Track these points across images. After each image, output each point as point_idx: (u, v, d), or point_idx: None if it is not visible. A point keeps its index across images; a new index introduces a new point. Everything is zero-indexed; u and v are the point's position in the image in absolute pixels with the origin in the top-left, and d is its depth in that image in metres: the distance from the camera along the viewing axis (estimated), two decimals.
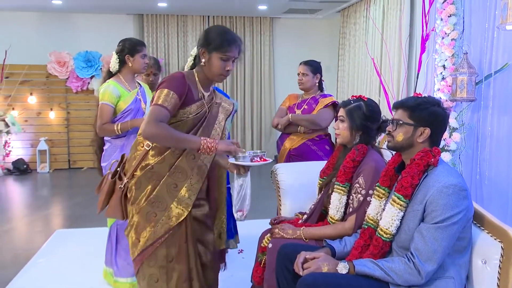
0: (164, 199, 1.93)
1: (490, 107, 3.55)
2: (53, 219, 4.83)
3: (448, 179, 1.63)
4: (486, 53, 3.59)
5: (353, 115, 2.10)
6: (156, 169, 1.92)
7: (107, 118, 2.73)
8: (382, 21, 5.83)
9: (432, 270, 1.61)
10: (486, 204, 3.62)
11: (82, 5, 7.00)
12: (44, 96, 7.34)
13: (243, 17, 7.98)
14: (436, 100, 1.81)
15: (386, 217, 1.74)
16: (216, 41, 1.88)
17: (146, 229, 1.92)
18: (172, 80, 1.88)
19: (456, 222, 1.60)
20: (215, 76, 1.95)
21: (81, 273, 3.22)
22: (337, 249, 1.88)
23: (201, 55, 1.91)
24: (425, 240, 1.61)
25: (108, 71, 2.86)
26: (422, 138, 1.74)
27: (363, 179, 1.99)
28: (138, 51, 2.78)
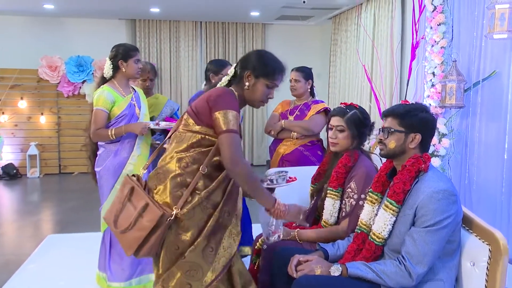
0: (219, 230, 1.76)
1: (478, 114, 3.64)
2: (44, 225, 4.81)
3: (438, 184, 1.68)
4: (474, 61, 3.68)
5: (353, 124, 2.14)
6: (212, 197, 1.75)
7: (101, 123, 2.72)
8: (373, 29, 5.92)
9: (422, 273, 1.65)
10: (475, 208, 3.69)
11: (74, 10, 7.00)
12: (35, 101, 7.31)
13: (236, 23, 8.04)
14: (423, 106, 1.86)
15: (379, 222, 1.79)
16: (268, 68, 1.83)
17: (203, 270, 1.71)
18: (232, 99, 1.77)
19: (445, 226, 1.65)
20: (256, 101, 1.88)
21: (72, 278, 3.21)
22: (330, 252, 1.92)
23: (245, 78, 1.83)
24: (416, 244, 1.65)
25: (102, 77, 2.86)
26: (413, 144, 1.79)
27: (355, 184, 2.04)
28: (131, 56, 2.79)
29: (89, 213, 5.02)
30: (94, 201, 5.59)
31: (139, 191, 1.73)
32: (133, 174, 1.86)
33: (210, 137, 1.76)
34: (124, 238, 1.71)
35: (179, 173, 1.73)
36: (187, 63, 7.91)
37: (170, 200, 1.70)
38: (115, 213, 1.75)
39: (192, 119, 1.78)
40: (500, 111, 3.44)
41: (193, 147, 1.76)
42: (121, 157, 2.78)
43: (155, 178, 1.77)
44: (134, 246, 1.68)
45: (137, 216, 1.67)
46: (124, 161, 2.79)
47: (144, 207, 1.67)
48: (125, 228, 1.69)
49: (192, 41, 7.91)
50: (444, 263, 1.71)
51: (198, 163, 1.75)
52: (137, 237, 1.67)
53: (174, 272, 1.70)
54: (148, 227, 1.64)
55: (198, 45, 7.99)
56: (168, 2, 6.47)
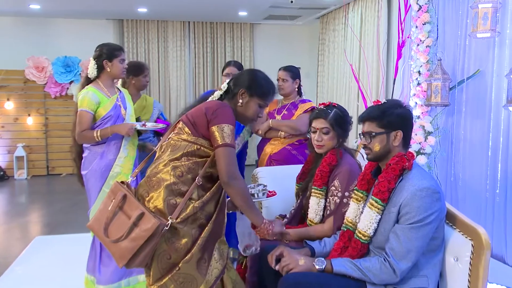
0: (212, 242, 1.75)
1: (463, 112, 3.69)
2: (32, 227, 4.77)
3: (421, 182, 1.70)
4: (459, 59, 3.73)
5: (337, 123, 2.14)
6: (206, 208, 1.76)
7: (87, 125, 2.67)
8: (360, 28, 5.97)
9: (406, 269, 1.67)
10: (461, 205, 3.75)
11: (61, 10, 6.95)
12: (21, 102, 7.24)
13: (224, 23, 8.03)
14: (397, 102, 1.87)
15: (364, 220, 1.80)
16: (262, 89, 1.89)
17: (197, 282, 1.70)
18: (229, 112, 1.80)
19: (429, 223, 1.67)
20: (247, 119, 1.93)
21: (60, 280, 3.19)
22: (317, 249, 1.94)
23: (239, 96, 1.87)
24: (399, 240, 1.67)
25: (86, 77, 2.81)
26: (397, 141, 1.81)
27: (339, 182, 2.06)
28: (116, 56, 2.75)
29: (78, 215, 4.99)
30: (82, 203, 5.56)
31: (132, 200, 1.70)
32: (121, 181, 1.82)
33: (206, 149, 1.78)
34: (116, 248, 1.66)
35: (173, 182, 1.72)
36: (175, 63, 7.89)
37: (164, 207, 1.68)
38: (105, 221, 1.70)
39: (188, 128, 1.80)
40: (484, 109, 3.49)
41: (188, 157, 1.77)
42: (107, 159, 2.75)
43: (147, 186, 1.75)
44: (127, 257, 1.64)
45: (132, 225, 1.63)
46: (110, 163, 2.75)
47: (139, 216, 1.63)
48: (118, 238, 1.65)
49: (180, 41, 7.89)
50: (428, 259, 1.73)
51: (193, 172, 1.75)
52: (130, 247, 1.63)
53: (167, 284, 1.68)
54: (144, 237, 1.61)
55: (187, 45, 7.98)
56: (156, 2, 6.45)
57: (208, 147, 1.79)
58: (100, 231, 1.71)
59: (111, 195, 1.77)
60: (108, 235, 1.69)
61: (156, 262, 1.69)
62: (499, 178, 3.34)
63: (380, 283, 1.70)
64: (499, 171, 3.34)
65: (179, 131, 1.82)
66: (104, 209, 1.75)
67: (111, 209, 1.71)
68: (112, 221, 1.70)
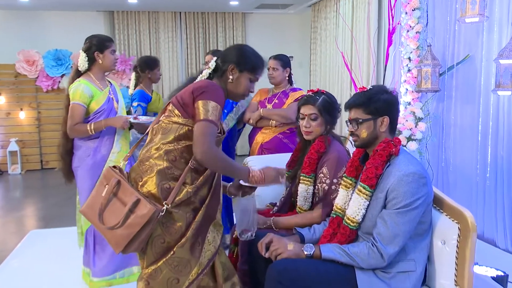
0: (205, 225, 1.75)
1: (453, 97, 3.70)
2: (27, 221, 4.77)
3: (408, 167, 1.71)
4: (448, 45, 3.74)
5: (325, 109, 2.13)
6: (200, 192, 1.75)
7: (79, 118, 2.62)
8: (351, 16, 5.94)
9: (393, 253, 1.69)
10: (452, 190, 3.78)
11: (50, 2, 6.87)
12: (13, 96, 7.19)
13: (215, 13, 7.98)
14: (383, 88, 1.87)
15: (353, 207, 1.81)
16: (252, 63, 1.85)
17: (190, 264, 1.71)
18: (218, 92, 1.74)
19: (416, 208, 1.68)
20: (239, 95, 1.88)
21: (54, 273, 3.20)
22: (306, 236, 1.95)
23: (229, 72, 1.82)
24: (386, 225, 1.69)
25: (77, 70, 2.75)
26: (383, 127, 1.81)
27: (327, 168, 2.06)
28: (107, 47, 2.71)
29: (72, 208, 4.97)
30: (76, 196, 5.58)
31: (127, 186, 1.68)
32: (113, 165, 1.79)
33: None
34: (112, 235, 1.65)
35: (167, 166, 1.70)
36: (167, 54, 7.85)
37: (157, 192, 1.67)
38: (99, 207, 1.68)
39: (178, 110, 1.75)
40: (474, 94, 3.51)
41: (180, 140, 1.73)
42: (101, 154, 2.71)
43: (140, 170, 1.73)
44: (123, 244, 1.63)
45: (128, 212, 1.62)
46: (104, 158, 2.72)
47: (135, 203, 1.62)
48: (114, 225, 1.63)
49: (172, 32, 7.85)
50: (415, 243, 1.75)
51: (185, 157, 1.73)
52: (126, 234, 1.62)
53: (161, 268, 1.69)
54: (140, 224, 1.60)
55: (178, 36, 7.93)
56: None
57: None
58: (95, 217, 1.70)
59: (104, 180, 1.74)
60: (103, 221, 1.67)
61: (150, 246, 1.70)
62: (489, 163, 3.37)
63: (368, 268, 1.72)
64: (489, 155, 3.37)
65: (169, 114, 1.78)
66: (96, 195, 1.74)
67: (105, 196, 1.69)
68: (107, 207, 1.69)
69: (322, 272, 1.71)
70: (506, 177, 3.24)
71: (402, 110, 3.66)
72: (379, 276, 1.72)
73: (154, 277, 1.69)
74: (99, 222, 1.68)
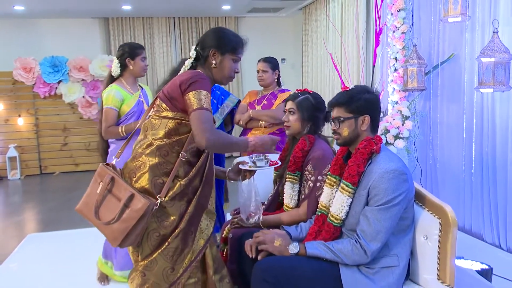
0: (198, 214, 1.77)
1: (439, 95, 3.72)
2: (26, 225, 4.76)
3: (388, 165, 1.72)
4: (434, 44, 3.75)
5: (303, 106, 2.16)
6: (193, 183, 1.76)
7: (112, 121, 2.79)
8: (341, 17, 5.96)
9: (377, 249, 1.69)
10: (440, 186, 3.79)
11: (45, 10, 6.87)
12: (11, 103, 7.17)
13: (209, 18, 7.99)
14: (364, 88, 1.89)
15: (336, 204, 1.82)
16: (231, 43, 1.82)
17: (184, 252, 1.74)
18: (205, 81, 1.72)
19: (397, 204, 1.69)
20: (225, 78, 1.86)
21: (52, 275, 3.20)
22: (293, 234, 1.95)
23: (211, 57, 1.80)
24: (369, 222, 1.69)
25: (110, 76, 2.90)
26: (365, 126, 1.82)
27: (312, 166, 2.07)
28: (138, 54, 2.85)
29: (70, 212, 4.98)
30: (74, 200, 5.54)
31: (120, 182, 1.69)
32: (106, 163, 1.80)
33: (186, 122, 1.73)
34: (108, 229, 1.66)
35: (159, 161, 1.71)
36: (162, 59, 7.85)
37: (151, 187, 1.69)
38: (95, 204, 1.69)
39: (166, 104, 1.74)
40: (459, 92, 3.52)
41: (171, 134, 1.73)
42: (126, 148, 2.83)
43: (133, 166, 1.74)
44: (120, 238, 1.64)
45: (123, 207, 1.63)
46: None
47: (130, 198, 1.63)
48: (110, 220, 1.65)
49: (166, 37, 7.85)
50: (398, 238, 1.75)
51: (177, 151, 1.73)
52: (122, 228, 1.63)
53: (157, 259, 1.71)
54: (135, 218, 1.62)
55: (173, 41, 7.94)
56: None
57: (189, 120, 1.72)
58: (90, 214, 1.70)
59: (98, 178, 1.75)
60: (99, 217, 1.69)
61: (146, 240, 1.71)
62: (474, 159, 3.38)
63: (352, 264, 1.72)
64: (473, 152, 3.38)
65: (157, 108, 1.78)
66: (91, 192, 1.74)
67: (100, 192, 1.70)
68: (102, 204, 1.70)
69: (307, 269, 1.71)
70: (491, 173, 3.25)
71: (389, 109, 3.67)
72: (363, 272, 1.73)
73: (150, 268, 1.71)
74: (95, 218, 1.69)
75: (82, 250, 3.65)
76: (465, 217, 3.51)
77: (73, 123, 7.35)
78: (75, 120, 7.34)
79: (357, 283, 1.69)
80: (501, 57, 2.72)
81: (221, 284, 1.84)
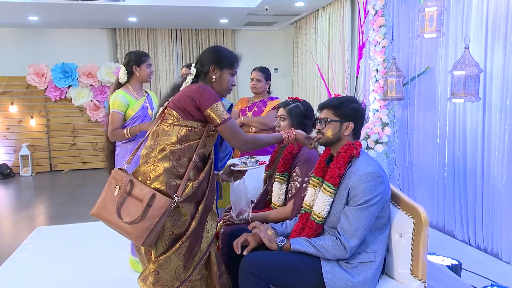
0: (205, 215, 1.78)
1: (416, 104, 3.73)
2: (36, 218, 4.71)
3: (366, 168, 1.71)
4: (411, 58, 3.76)
5: (293, 113, 2.15)
6: (202, 186, 1.77)
7: (118, 124, 2.75)
8: (328, 32, 5.97)
9: (355, 245, 1.68)
10: (416, 187, 3.79)
11: (57, 21, 6.82)
12: (24, 105, 7.10)
13: (208, 30, 7.97)
14: (354, 98, 1.89)
15: (319, 203, 1.80)
16: (229, 60, 1.85)
17: (194, 251, 1.73)
18: (212, 92, 1.75)
19: (374, 204, 1.67)
20: (224, 90, 1.87)
21: (59, 265, 3.16)
22: (279, 230, 1.93)
23: (211, 72, 1.82)
24: (348, 220, 1.68)
25: (117, 82, 2.87)
26: (347, 131, 1.82)
27: (299, 168, 2.06)
28: (143, 62, 2.82)
29: (77, 207, 4.95)
30: (82, 195, 5.55)
31: (139, 184, 1.67)
32: (120, 168, 1.77)
33: (196, 129, 1.75)
34: (132, 229, 1.63)
35: (173, 165, 1.70)
36: (165, 68, 7.82)
37: (166, 188, 1.67)
38: (116, 206, 1.65)
39: (177, 113, 1.74)
40: (434, 101, 3.53)
41: (182, 141, 1.73)
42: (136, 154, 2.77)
43: (147, 170, 1.71)
44: (145, 235, 1.62)
45: (146, 206, 1.62)
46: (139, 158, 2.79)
47: (152, 197, 1.62)
48: (134, 220, 1.62)
49: (168, 47, 7.82)
50: (375, 236, 1.74)
51: (188, 155, 1.74)
52: (146, 226, 1.61)
53: (170, 258, 1.69)
54: (158, 215, 1.61)
55: (174, 51, 7.91)
56: (144, 12, 6.36)
57: (199, 128, 1.75)
58: (111, 216, 1.66)
59: (113, 182, 1.71)
60: (122, 218, 1.65)
61: (160, 239, 1.69)
62: (446, 163, 3.38)
63: (333, 259, 1.71)
64: (446, 156, 3.39)
65: (168, 117, 1.77)
66: (107, 196, 1.70)
67: (120, 194, 1.66)
68: (122, 205, 1.66)
69: (291, 263, 1.69)
70: (462, 176, 3.25)
71: (370, 116, 3.68)
72: (342, 266, 1.71)
73: (164, 267, 1.69)
74: (118, 219, 1.65)
75: (88, 243, 3.62)
76: (438, 216, 3.52)
77: (82, 124, 7.30)
78: (84, 122, 7.29)
79: (337, 277, 1.68)
80: (471, 70, 2.74)
81: (221, 279, 1.84)
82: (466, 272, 2.66)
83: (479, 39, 3.03)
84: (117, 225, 1.67)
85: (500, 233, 2.95)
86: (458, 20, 3.24)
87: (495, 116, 2.94)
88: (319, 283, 1.68)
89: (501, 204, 2.93)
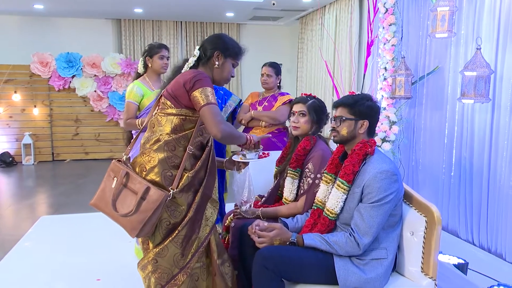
0: (204, 203, 1.78)
1: (424, 104, 3.73)
2: (38, 207, 4.71)
3: (381, 166, 1.72)
4: (420, 57, 3.76)
5: (314, 110, 2.17)
6: (199, 175, 1.75)
7: (132, 114, 2.80)
8: (335, 28, 5.95)
9: (368, 243, 1.70)
10: (421, 186, 3.80)
11: (63, 10, 6.78)
12: (28, 94, 7.09)
13: (213, 23, 7.94)
14: (368, 96, 1.89)
15: (332, 199, 1.81)
16: (235, 49, 1.83)
17: (192, 239, 1.74)
18: (207, 79, 1.71)
19: (388, 202, 1.69)
20: (223, 79, 1.85)
21: (62, 254, 3.18)
22: (290, 225, 1.95)
23: (214, 58, 1.78)
24: (362, 218, 1.69)
25: (137, 73, 2.94)
26: (362, 129, 1.82)
27: (312, 165, 2.07)
28: (156, 53, 2.85)
29: (79, 196, 4.96)
30: (84, 185, 5.55)
31: (135, 176, 1.67)
32: (118, 159, 1.77)
33: (190, 117, 1.72)
34: (126, 221, 1.64)
35: (167, 156, 1.69)
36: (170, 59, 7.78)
37: (161, 180, 1.67)
38: (112, 198, 1.67)
39: (170, 102, 1.72)
40: (442, 101, 3.53)
41: (176, 130, 1.71)
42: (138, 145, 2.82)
43: (142, 161, 1.71)
44: (138, 228, 1.62)
45: (140, 199, 1.62)
46: None
47: (146, 190, 1.62)
48: (127, 212, 1.63)
49: (173, 39, 7.79)
50: (387, 233, 1.76)
51: (183, 145, 1.72)
52: (140, 219, 1.62)
53: (168, 246, 1.70)
54: (152, 209, 1.61)
55: (179, 43, 7.88)
56: (150, 3, 6.33)
57: (193, 115, 1.72)
58: (107, 207, 1.68)
59: (111, 173, 1.72)
60: (117, 210, 1.66)
61: (158, 229, 1.70)
62: (454, 163, 3.39)
63: (345, 255, 1.72)
64: (454, 156, 3.39)
65: (163, 106, 1.76)
66: (106, 187, 1.71)
67: (116, 187, 1.67)
68: (118, 197, 1.68)
69: (304, 258, 1.71)
70: (468, 176, 3.26)
71: None
72: (354, 263, 1.72)
73: (162, 255, 1.70)
74: (113, 211, 1.66)
75: (92, 232, 3.63)
76: (442, 215, 3.52)
77: (85, 115, 7.29)
78: (87, 112, 7.28)
79: (349, 273, 1.69)
80: (482, 71, 2.74)
81: (223, 267, 1.84)
82: (471, 271, 2.67)
83: (491, 40, 3.03)
84: (111, 216, 1.69)
85: (505, 234, 2.97)
86: (470, 21, 3.23)
87: (504, 117, 2.95)
88: (331, 279, 1.69)
89: (507, 205, 2.94)
